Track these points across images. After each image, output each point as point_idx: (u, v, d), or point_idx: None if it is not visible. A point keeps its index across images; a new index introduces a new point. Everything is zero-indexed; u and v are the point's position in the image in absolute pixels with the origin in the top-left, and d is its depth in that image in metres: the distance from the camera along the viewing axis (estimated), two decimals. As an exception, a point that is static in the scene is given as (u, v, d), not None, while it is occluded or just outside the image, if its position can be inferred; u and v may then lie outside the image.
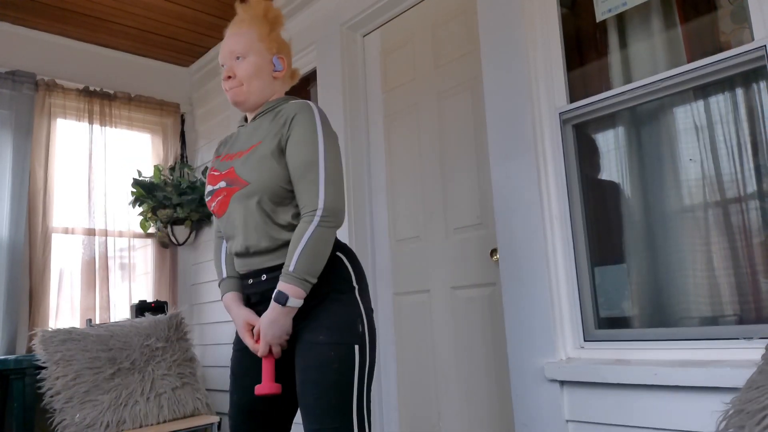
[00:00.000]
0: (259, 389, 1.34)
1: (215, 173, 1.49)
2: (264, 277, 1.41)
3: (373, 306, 2.75)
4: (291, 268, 1.30)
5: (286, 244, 1.38)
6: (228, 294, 1.50)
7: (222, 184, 1.44)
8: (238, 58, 1.47)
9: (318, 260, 1.33)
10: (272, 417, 1.47)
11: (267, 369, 1.36)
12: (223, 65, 1.51)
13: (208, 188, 1.50)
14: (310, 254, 1.31)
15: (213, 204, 1.47)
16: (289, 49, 1.60)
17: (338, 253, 1.43)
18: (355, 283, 1.42)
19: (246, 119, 1.58)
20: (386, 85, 2.82)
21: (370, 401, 1.38)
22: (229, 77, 1.48)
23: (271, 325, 1.33)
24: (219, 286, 1.55)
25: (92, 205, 3.44)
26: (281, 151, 1.39)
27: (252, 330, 1.41)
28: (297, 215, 1.40)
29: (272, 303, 1.32)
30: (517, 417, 1.93)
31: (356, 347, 1.35)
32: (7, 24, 3.32)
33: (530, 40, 2.04)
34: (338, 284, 1.40)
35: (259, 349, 1.35)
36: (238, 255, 1.45)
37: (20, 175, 3.17)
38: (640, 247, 1.82)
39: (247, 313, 1.43)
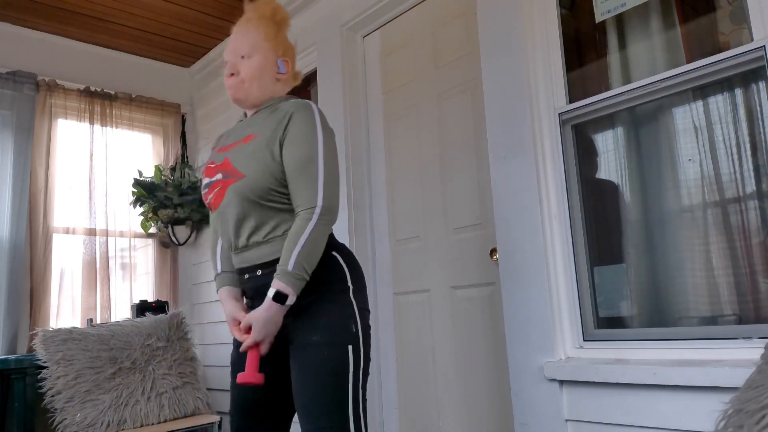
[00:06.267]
0: (242, 377, 1.33)
1: (212, 165, 1.50)
2: (259, 272, 1.42)
3: (373, 306, 2.76)
4: (290, 267, 1.30)
5: (279, 238, 1.39)
6: (222, 289, 1.52)
7: (218, 176, 1.45)
8: (243, 56, 1.49)
9: (314, 258, 1.34)
10: (271, 415, 1.48)
11: (252, 359, 1.36)
12: (227, 62, 1.52)
13: (205, 180, 1.50)
14: (307, 252, 1.32)
15: (210, 196, 1.48)
16: (294, 52, 1.61)
17: (334, 253, 1.43)
18: (350, 283, 1.42)
19: (246, 115, 1.59)
20: (386, 86, 2.82)
21: (365, 400, 1.39)
22: (232, 74, 1.49)
23: (267, 324, 1.33)
24: (215, 280, 1.57)
25: (93, 205, 3.45)
26: (278, 145, 1.40)
27: (239, 324, 1.41)
28: (290, 211, 1.40)
29: (269, 302, 1.32)
30: (516, 416, 1.94)
31: (350, 347, 1.35)
32: (8, 24, 3.32)
33: (530, 40, 2.05)
34: (332, 284, 1.40)
35: (245, 343, 1.35)
36: (234, 250, 1.46)
37: (21, 175, 3.18)
38: (639, 247, 1.83)
39: (233, 309, 1.44)
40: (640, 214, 1.84)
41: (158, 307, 3.35)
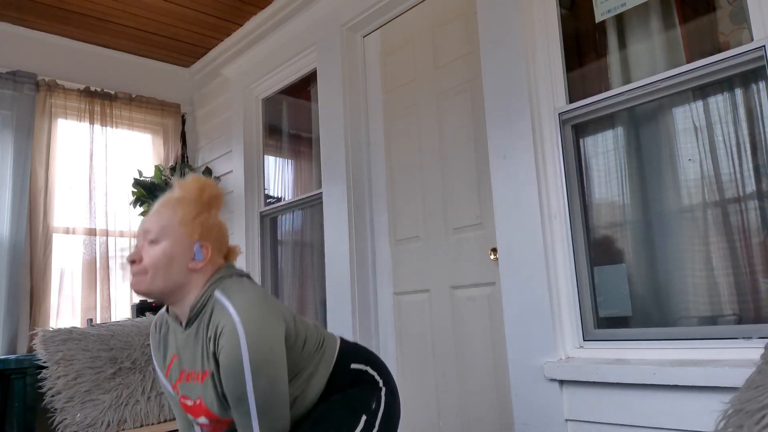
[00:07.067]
0: None
1: (187, 401, 1.36)
2: None
3: (373, 306, 2.76)
4: None
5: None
6: None
7: (203, 419, 1.35)
8: (151, 241, 1.29)
9: None
10: None
11: None
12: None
13: (190, 416, 1.39)
14: None
15: (204, 430, 1.39)
16: (223, 231, 1.40)
17: (353, 366, 1.44)
18: (381, 385, 1.45)
19: (178, 319, 1.37)
20: (386, 86, 2.82)
21: None
22: (133, 261, 1.29)
23: None
24: None
25: (93, 205, 3.45)
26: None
27: None
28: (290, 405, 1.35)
29: None
30: (516, 416, 1.93)
31: (363, 417, 1.34)
32: (7, 24, 3.33)
33: (530, 40, 2.05)
34: (367, 387, 1.43)
35: None
36: None
37: (21, 175, 3.18)
38: (640, 247, 1.83)
39: None
40: (640, 214, 1.84)
41: (158, 307, 3.35)
